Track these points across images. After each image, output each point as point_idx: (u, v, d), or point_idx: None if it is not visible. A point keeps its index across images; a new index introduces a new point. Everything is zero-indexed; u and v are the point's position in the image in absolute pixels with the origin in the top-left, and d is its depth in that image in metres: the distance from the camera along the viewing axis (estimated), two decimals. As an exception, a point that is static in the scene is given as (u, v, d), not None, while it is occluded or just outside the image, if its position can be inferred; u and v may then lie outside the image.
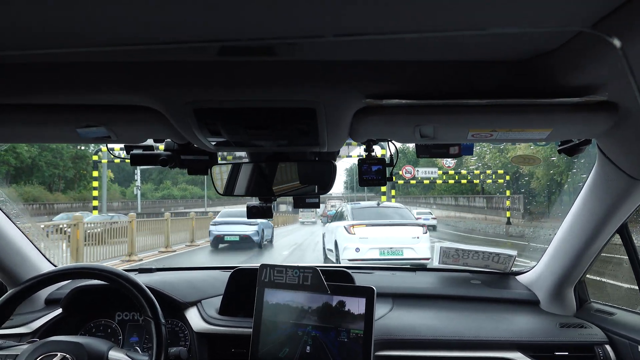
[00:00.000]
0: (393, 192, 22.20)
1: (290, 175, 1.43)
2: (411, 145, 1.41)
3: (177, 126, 1.07)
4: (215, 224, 14.81)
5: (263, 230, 14.92)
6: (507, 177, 24.63)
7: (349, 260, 8.90)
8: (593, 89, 0.90)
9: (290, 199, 1.50)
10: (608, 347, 1.64)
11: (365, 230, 9.19)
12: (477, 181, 25.33)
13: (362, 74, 0.89)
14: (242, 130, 1.08)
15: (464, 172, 25.01)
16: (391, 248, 9.04)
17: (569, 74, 0.87)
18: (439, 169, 24.19)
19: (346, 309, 1.38)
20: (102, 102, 1.00)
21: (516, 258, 2.11)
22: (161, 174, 67.20)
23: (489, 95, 0.92)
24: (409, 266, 2.44)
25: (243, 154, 1.52)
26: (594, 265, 1.77)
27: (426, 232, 9.46)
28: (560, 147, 1.35)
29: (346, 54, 0.87)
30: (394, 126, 1.10)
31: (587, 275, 1.84)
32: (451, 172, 24.54)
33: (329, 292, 1.40)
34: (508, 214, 24.69)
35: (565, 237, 1.76)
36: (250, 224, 14.43)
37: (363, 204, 12.20)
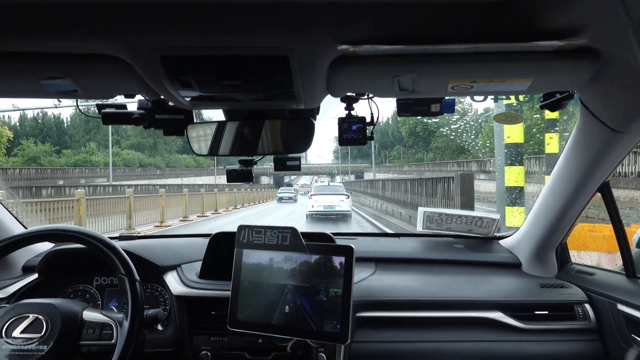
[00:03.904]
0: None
1: (268, 134, 1.45)
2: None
3: (146, 78, 1.07)
4: (279, 193, 39.27)
5: (296, 195, 39.33)
6: None
7: (308, 212, 19.72)
8: (574, 32, 0.91)
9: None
10: (587, 306, 1.73)
11: (317, 197, 19.80)
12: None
13: (336, 16, 0.88)
14: (213, 81, 1.08)
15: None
16: (329, 205, 19.20)
17: (549, 14, 0.88)
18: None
19: (325, 267, 1.42)
20: (65, 50, 0.99)
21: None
22: (88, 134, 55.36)
23: (468, 40, 0.93)
24: (392, 232, 2.55)
25: (221, 115, 1.55)
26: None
27: (348, 198, 19.91)
28: (542, 103, 1.37)
29: None
30: (372, 77, 1.11)
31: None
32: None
33: (308, 251, 1.44)
34: None
35: (547, 199, 1.82)
36: (292, 193, 39.04)
37: (324, 181, 31.55)
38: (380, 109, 1.45)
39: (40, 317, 1.31)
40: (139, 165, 48.92)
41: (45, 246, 2.06)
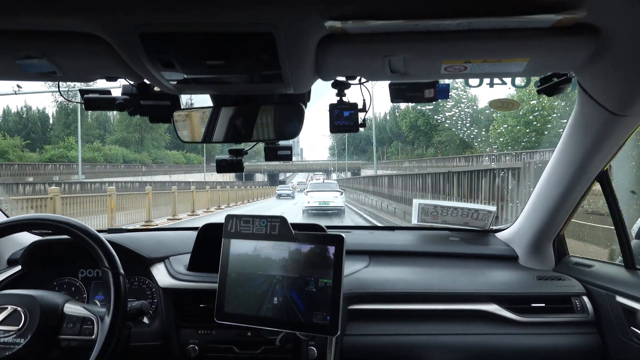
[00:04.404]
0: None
1: (257, 120, 1.41)
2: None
3: (125, 57, 1.02)
4: (278, 190, 43.67)
5: (294, 192, 43.22)
6: None
7: (305, 207, 21.02)
8: (571, 4, 0.87)
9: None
10: (585, 298, 1.71)
11: (313, 193, 21.78)
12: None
13: None
14: (196, 61, 1.04)
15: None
16: (324, 201, 20.79)
17: None
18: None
19: (315, 257, 1.38)
20: (39, 27, 0.95)
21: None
22: (68, 128, 48.55)
23: (461, 15, 0.89)
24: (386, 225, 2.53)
25: (208, 102, 1.51)
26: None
27: (342, 194, 22.00)
28: (539, 87, 1.35)
29: None
30: (362, 58, 1.08)
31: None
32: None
33: (297, 240, 1.40)
34: None
35: (544, 189, 1.79)
36: (290, 190, 43.58)
37: (319, 179, 36.54)
38: (376, 103, 1.43)
39: (18, 308, 1.28)
40: (122, 162, 44.75)
41: (32, 239, 2.02)
